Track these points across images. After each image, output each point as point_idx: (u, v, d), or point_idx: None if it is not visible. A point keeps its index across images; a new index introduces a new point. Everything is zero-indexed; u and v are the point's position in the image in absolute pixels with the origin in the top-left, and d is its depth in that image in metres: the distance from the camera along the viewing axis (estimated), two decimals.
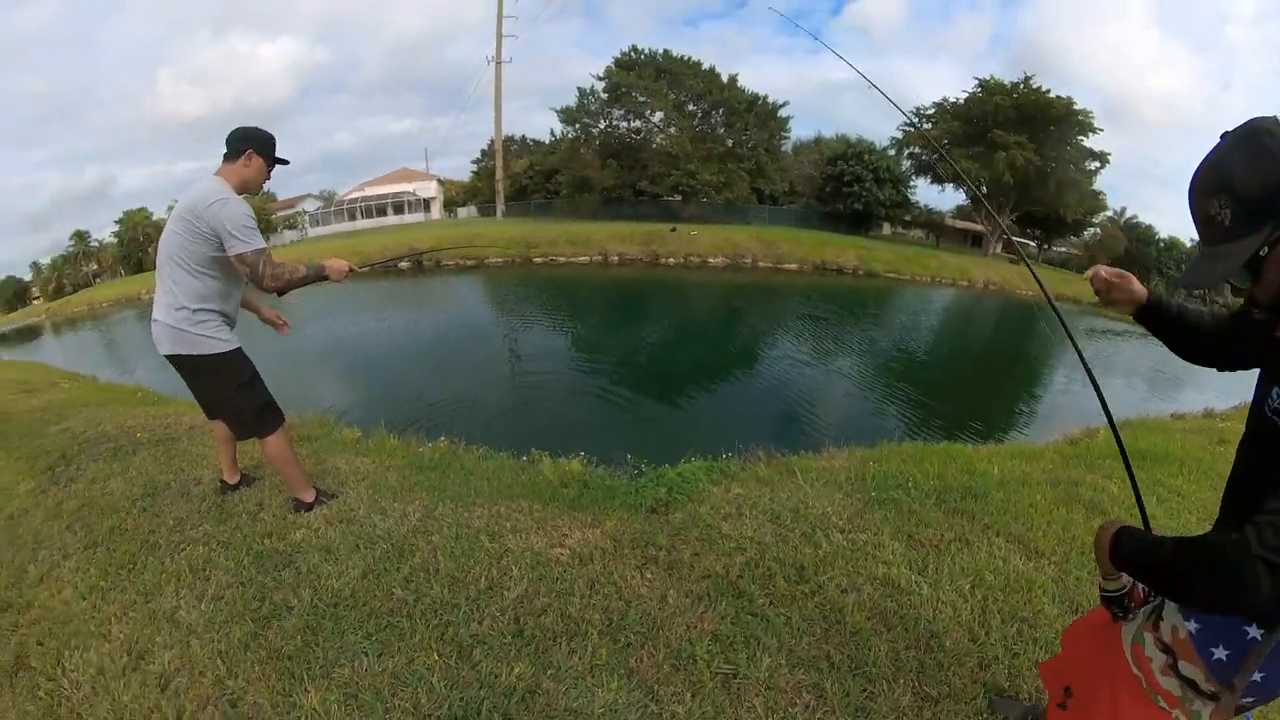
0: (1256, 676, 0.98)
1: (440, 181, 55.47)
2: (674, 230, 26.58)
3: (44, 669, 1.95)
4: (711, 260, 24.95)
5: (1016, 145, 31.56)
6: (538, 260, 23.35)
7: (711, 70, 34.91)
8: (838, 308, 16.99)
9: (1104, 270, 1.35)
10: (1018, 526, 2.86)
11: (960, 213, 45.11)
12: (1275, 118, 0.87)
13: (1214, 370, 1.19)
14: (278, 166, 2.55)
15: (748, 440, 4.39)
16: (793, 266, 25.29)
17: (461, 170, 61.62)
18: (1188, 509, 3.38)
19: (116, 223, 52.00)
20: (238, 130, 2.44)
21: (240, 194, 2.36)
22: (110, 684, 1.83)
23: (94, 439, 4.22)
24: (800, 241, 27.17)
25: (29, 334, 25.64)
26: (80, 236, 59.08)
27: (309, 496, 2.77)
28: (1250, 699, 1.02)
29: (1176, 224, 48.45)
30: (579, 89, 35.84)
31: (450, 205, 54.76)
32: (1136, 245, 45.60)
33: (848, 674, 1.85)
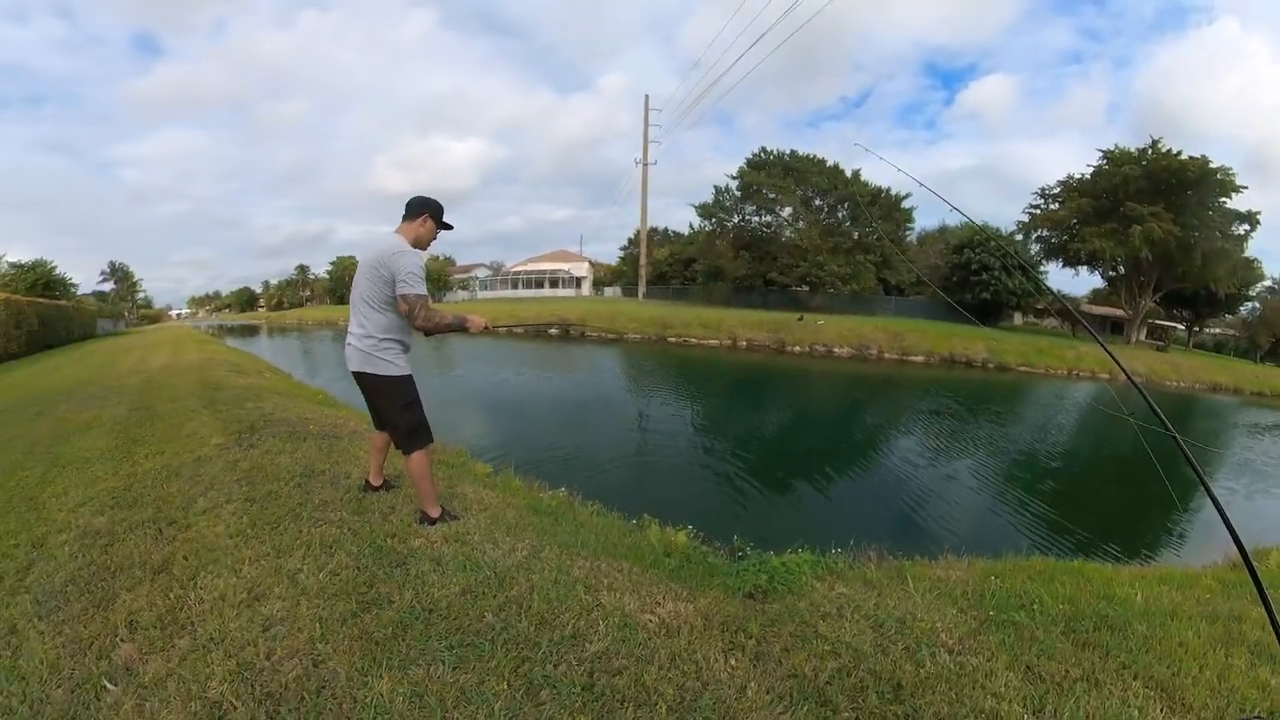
0: None
1: (591, 263, 61.36)
2: (801, 319, 26.29)
3: (181, 578, 2.28)
4: (837, 350, 24.16)
5: (1152, 216, 27.31)
6: (671, 339, 24.16)
7: (835, 167, 35.36)
8: (965, 403, 15.46)
9: None
10: (1161, 669, 2.27)
11: (1097, 297, 39.69)
12: None
13: None
14: (444, 231, 2.98)
15: (859, 538, 4.09)
16: (919, 358, 23.65)
17: (610, 255, 67.29)
18: None
19: (330, 263, 67.61)
20: (417, 198, 2.88)
21: (414, 247, 2.76)
22: (225, 610, 2.09)
23: (277, 420, 5.03)
24: (926, 333, 25.41)
25: (250, 331, 32.17)
26: (302, 269, 78.46)
27: (435, 512, 3.00)
28: None
29: None
30: (715, 187, 38.26)
31: (598, 284, 59.75)
32: None
33: None
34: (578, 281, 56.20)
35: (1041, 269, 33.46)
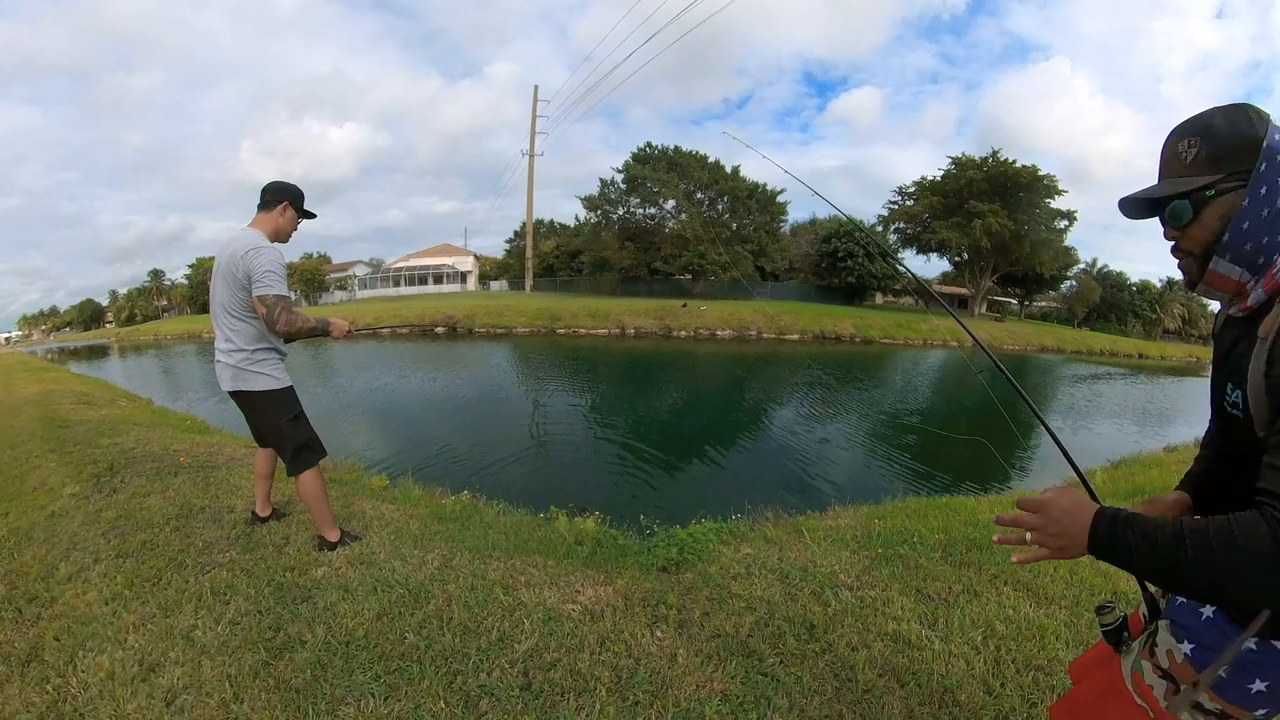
0: (1261, 685, 0.87)
1: (476, 257, 58.22)
2: (685, 306, 27.20)
3: (56, 664, 1.88)
4: (720, 333, 25.25)
5: (991, 213, 32.84)
6: (561, 331, 23.77)
7: (717, 163, 36.73)
8: (838, 373, 16.84)
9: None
10: (1025, 574, 2.67)
11: (945, 279, 45.65)
12: (1266, 114, 0.86)
13: (1202, 404, 1.04)
14: (308, 221, 2.67)
15: (756, 502, 4.25)
16: (794, 337, 25.53)
17: (496, 248, 64.65)
18: None
19: (189, 266, 56.03)
20: (274, 184, 2.54)
21: (273, 241, 2.46)
22: (117, 690, 1.74)
23: (141, 456, 4.26)
24: (800, 314, 27.48)
25: (98, 353, 26.49)
26: (156, 274, 64.01)
27: (334, 536, 2.70)
28: (1263, 710, 0.90)
29: (1145, 269, 49.40)
30: (601, 179, 38.01)
31: (484, 278, 57.06)
32: (1110, 292, 45.80)
33: None
34: (463, 276, 53.30)
35: (899, 255, 38.80)
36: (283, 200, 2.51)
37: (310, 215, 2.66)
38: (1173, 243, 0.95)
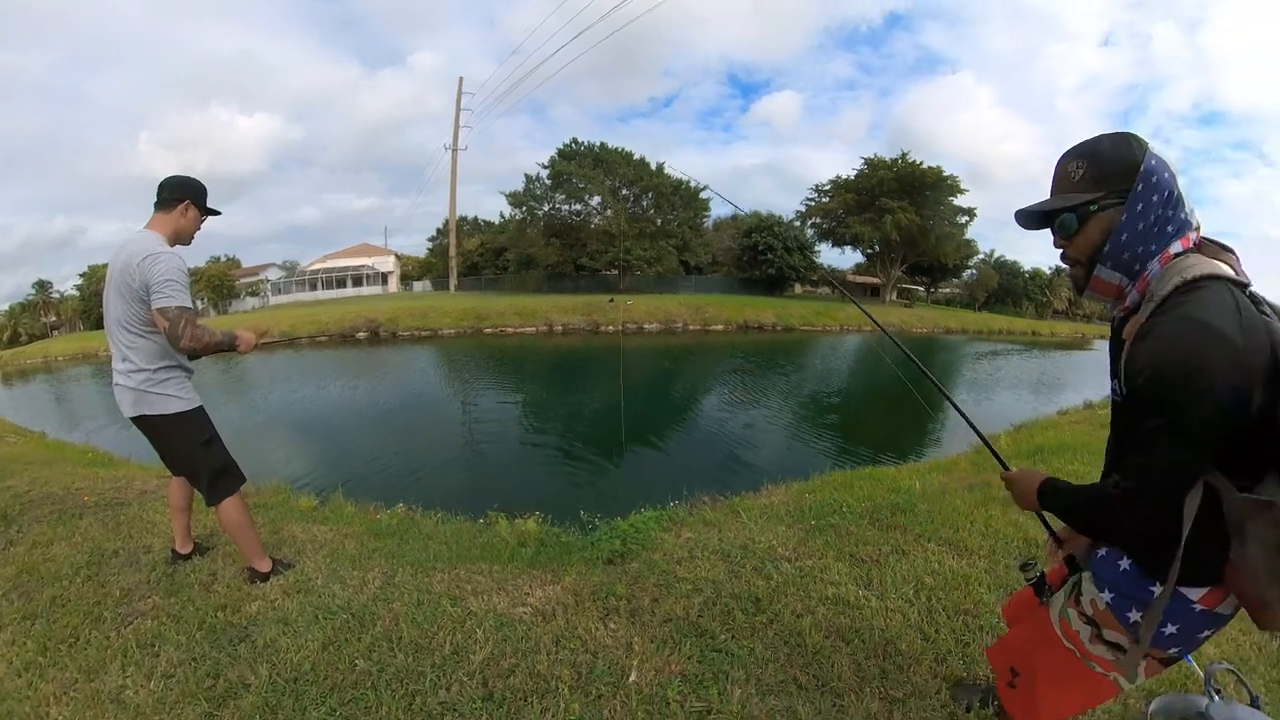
0: (1173, 628, 1.03)
1: (398, 257, 54.95)
2: (612, 301, 27.17)
3: None
4: (647, 326, 25.46)
5: (900, 209, 35.61)
6: (488, 331, 23.04)
7: (642, 160, 36.75)
8: (761, 360, 17.43)
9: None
10: (946, 531, 2.92)
11: (859, 269, 48.59)
12: (1143, 140, 0.99)
13: (1086, 372, 1.25)
14: (212, 218, 2.38)
15: (692, 487, 4.37)
16: (719, 327, 26.17)
17: (418, 247, 61.43)
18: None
19: (81, 276, 47.60)
20: (172, 179, 2.25)
21: (173, 244, 2.20)
22: None
23: (38, 499, 3.71)
24: (724, 305, 28.26)
25: None
26: (42, 286, 53.70)
27: (265, 566, 2.48)
28: (1175, 649, 1.07)
29: (1036, 257, 55.65)
30: (526, 175, 36.91)
31: (406, 279, 53.73)
32: (1006, 278, 51.01)
33: (816, 692, 1.78)
34: (384, 277, 49.88)
35: (816, 248, 40.64)
36: (183, 198, 2.22)
37: (214, 213, 2.38)
38: (1062, 251, 1.08)
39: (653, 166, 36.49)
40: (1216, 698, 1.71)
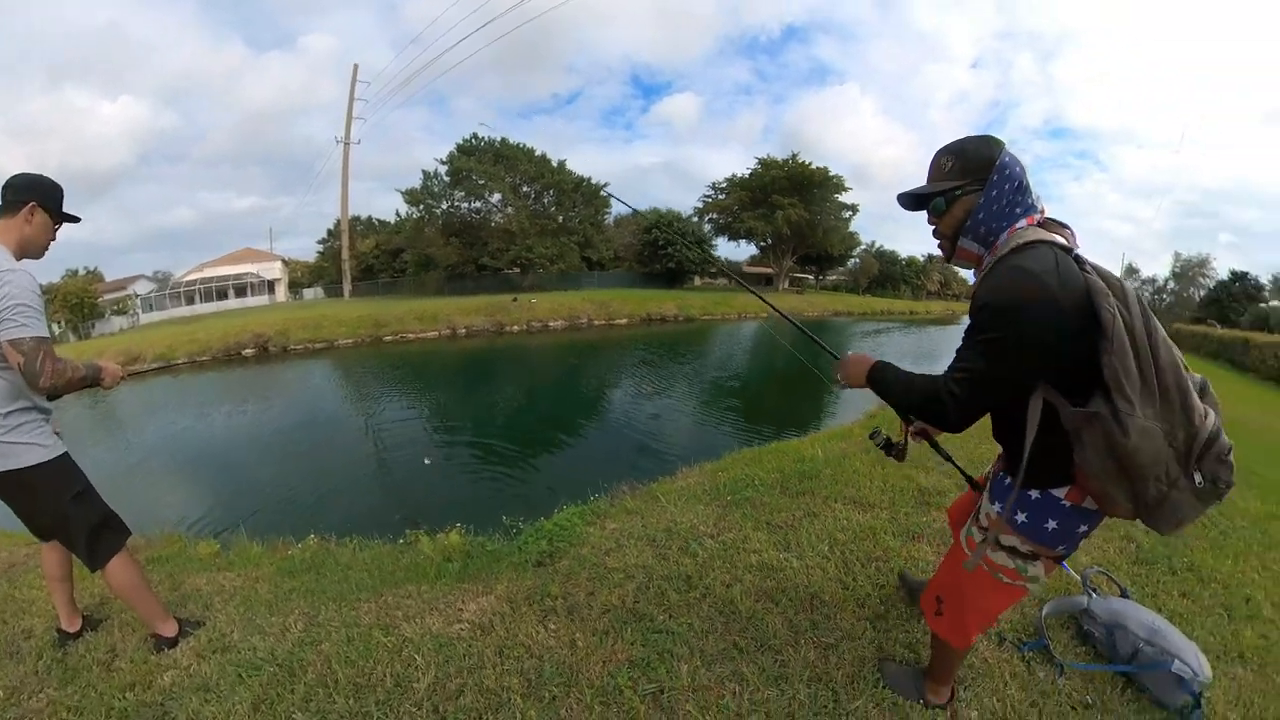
0: (1053, 524, 1.24)
1: (285, 262, 48.75)
2: (515, 300, 26.38)
3: None
4: (552, 324, 24.93)
5: (790, 205, 38.64)
6: (388, 339, 21.41)
7: (543, 156, 35.78)
8: (665, 351, 17.79)
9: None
10: (850, 491, 3.20)
11: (753, 260, 51.52)
12: (1001, 141, 1.22)
13: (957, 342, 1.44)
14: (68, 225, 1.96)
15: (611, 479, 4.37)
16: (623, 321, 26.32)
17: (307, 251, 55.30)
18: (964, 439, 4.00)
19: None
20: (17, 177, 1.83)
21: (20, 258, 1.79)
22: None
23: None
24: (627, 299, 28.47)
25: None
26: None
27: (170, 629, 2.14)
28: (1062, 546, 1.27)
29: (911, 247, 63.68)
30: (424, 172, 34.52)
31: (296, 286, 47.83)
32: (886, 266, 57.39)
33: (757, 653, 1.89)
34: (271, 286, 43.83)
35: (713, 242, 42.99)
36: (29, 199, 1.80)
37: (71, 218, 1.94)
38: (934, 227, 1.30)
39: (554, 163, 35.75)
40: (1094, 595, 2.11)
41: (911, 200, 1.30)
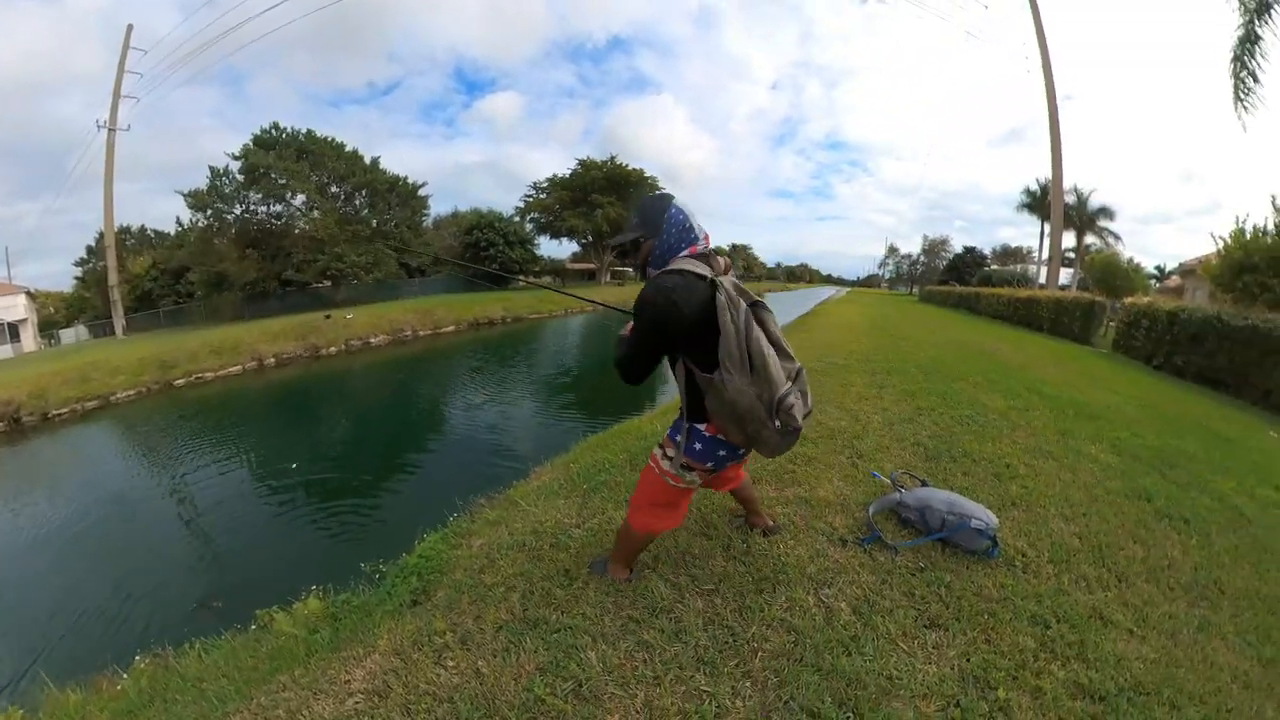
0: (698, 446, 1.72)
1: (32, 295, 34.56)
2: (329, 317, 22.83)
3: None
4: (373, 340, 22.03)
5: (609, 204, 40.26)
6: (179, 382, 16.58)
7: (355, 152, 31.17)
8: (497, 354, 17.16)
9: None
10: None
11: (575, 257, 52.08)
12: (672, 196, 1.65)
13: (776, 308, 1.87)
14: None
15: (466, 495, 4.14)
16: (450, 328, 24.55)
17: (61, 276, 40.67)
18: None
19: None
20: None
21: None
22: None
23: None
24: (452, 305, 26.67)
25: None
26: None
27: None
28: (710, 463, 1.75)
29: (719, 239, 72.61)
30: (212, 169, 27.65)
31: (49, 327, 35.04)
32: None
33: (652, 619, 1.96)
34: (14, 330, 29.79)
35: (535, 240, 41.87)
36: None
37: None
38: (631, 260, 1.71)
39: (367, 160, 31.44)
40: (903, 491, 2.68)
41: (619, 245, 1.72)
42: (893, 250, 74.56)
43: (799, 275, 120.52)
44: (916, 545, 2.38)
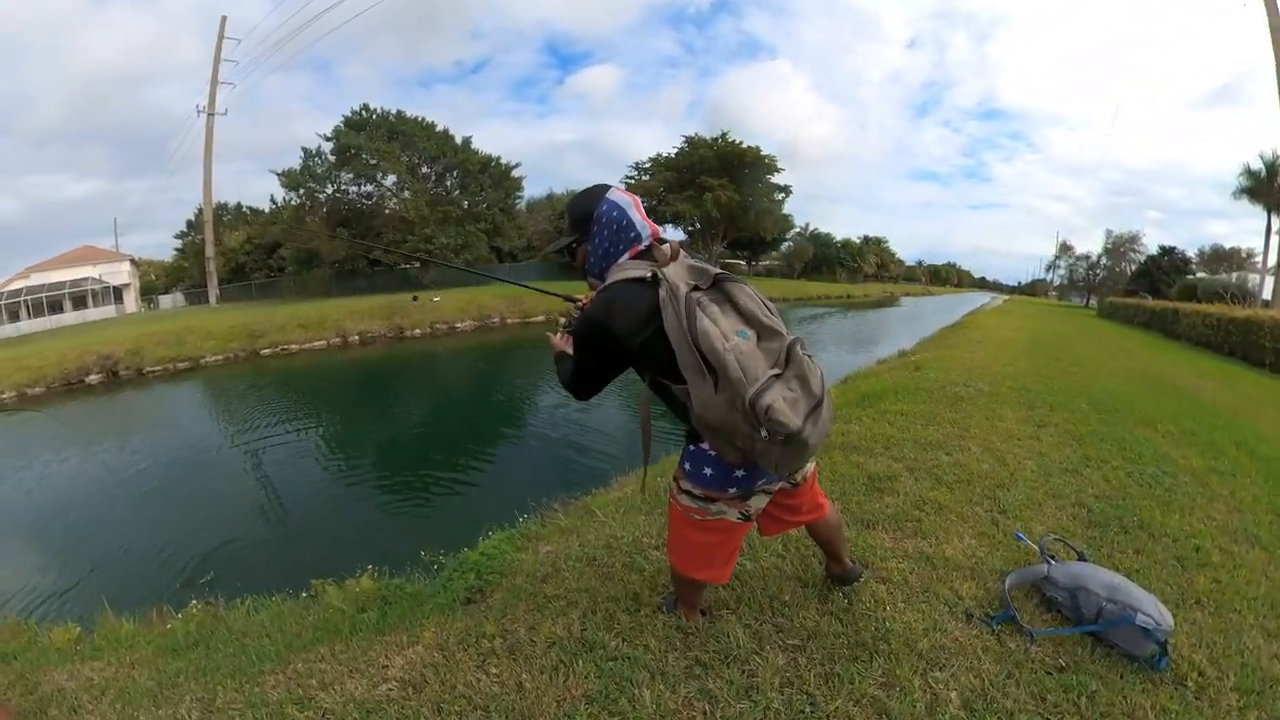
0: (709, 470, 1.61)
1: (135, 263, 43.58)
2: (416, 300, 25.33)
3: None
4: (459, 325, 24.19)
5: (720, 187, 39.35)
6: (265, 352, 19.68)
7: (445, 132, 34.27)
8: None
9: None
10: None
11: (681, 247, 52.98)
12: (609, 185, 1.63)
13: (896, 325, 1.68)
14: None
15: (540, 497, 4.35)
16: (540, 318, 25.66)
17: (163, 248, 49.89)
18: (911, 422, 4.32)
19: None
20: None
21: None
22: None
23: None
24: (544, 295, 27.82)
25: None
26: None
27: None
28: (732, 488, 1.63)
29: (846, 229, 68.68)
30: (304, 149, 32.14)
31: (150, 293, 43.29)
32: (821, 249, 60.17)
33: (723, 666, 1.90)
34: (118, 293, 38.09)
35: None
36: None
37: None
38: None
39: (458, 140, 34.37)
40: (1053, 562, 2.33)
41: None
42: (1065, 249, 59.69)
43: (944, 277, 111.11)
44: (1060, 635, 2.06)
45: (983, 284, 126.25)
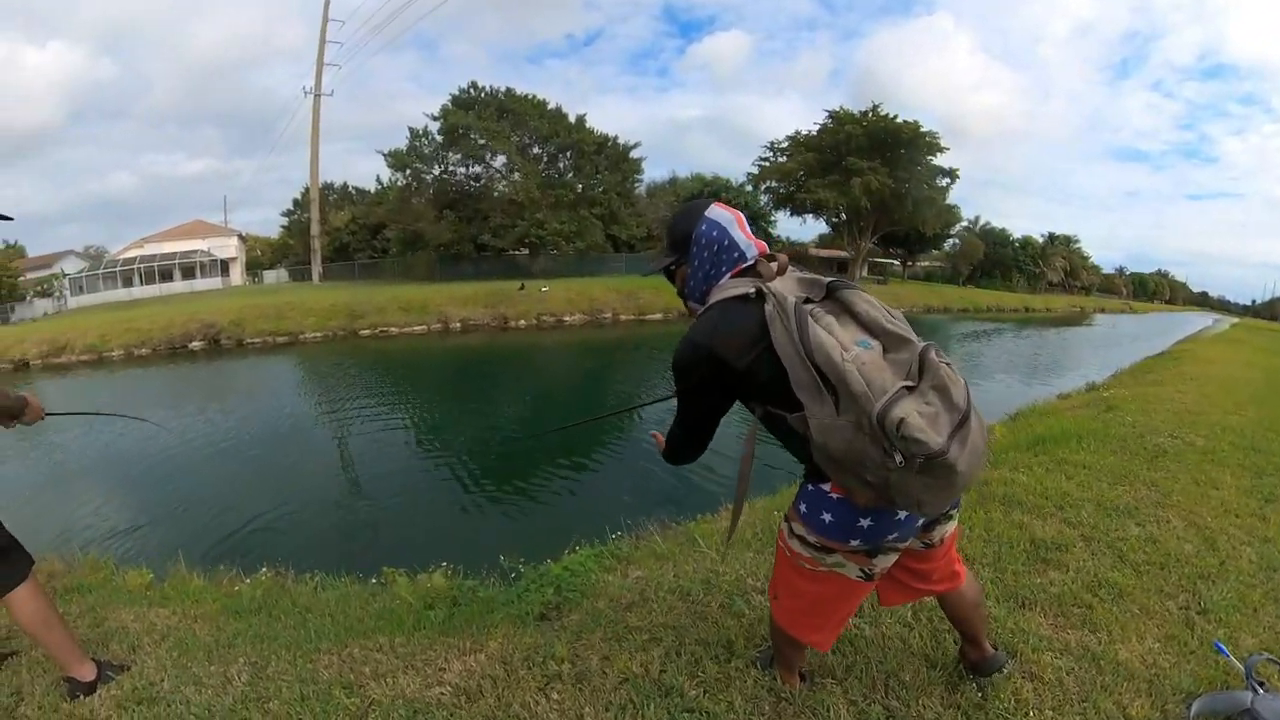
0: (828, 516, 1.53)
1: (242, 238, 51.22)
2: (523, 288, 26.78)
3: None
4: (567, 318, 25.23)
5: (870, 170, 36.55)
6: (364, 333, 22.00)
7: (558, 110, 36.16)
8: None
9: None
10: None
11: (823, 241, 50.24)
12: (709, 202, 1.70)
13: (1086, 350, 1.48)
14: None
15: (636, 515, 4.41)
16: (657, 316, 26.26)
17: (269, 224, 57.81)
18: (1095, 478, 3.96)
19: None
20: None
21: None
22: None
23: None
24: (662, 289, 28.24)
25: None
26: None
27: (88, 673, 2.23)
28: (856, 540, 1.53)
29: (1026, 224, 61.57)
30: (411, 129, 35.24)
31: (255, 267, 50.18)
32: (994, 248, 54.83)
33: None
34: (224, 266, 45.34)
35: (771, 218, 42.03)
36: None
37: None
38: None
39: (571, 119, 36.00)
40: (1260, 690, 1.98)
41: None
42: None
43: (1152, 289, 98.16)
44: None
45: (1203, 300, 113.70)
